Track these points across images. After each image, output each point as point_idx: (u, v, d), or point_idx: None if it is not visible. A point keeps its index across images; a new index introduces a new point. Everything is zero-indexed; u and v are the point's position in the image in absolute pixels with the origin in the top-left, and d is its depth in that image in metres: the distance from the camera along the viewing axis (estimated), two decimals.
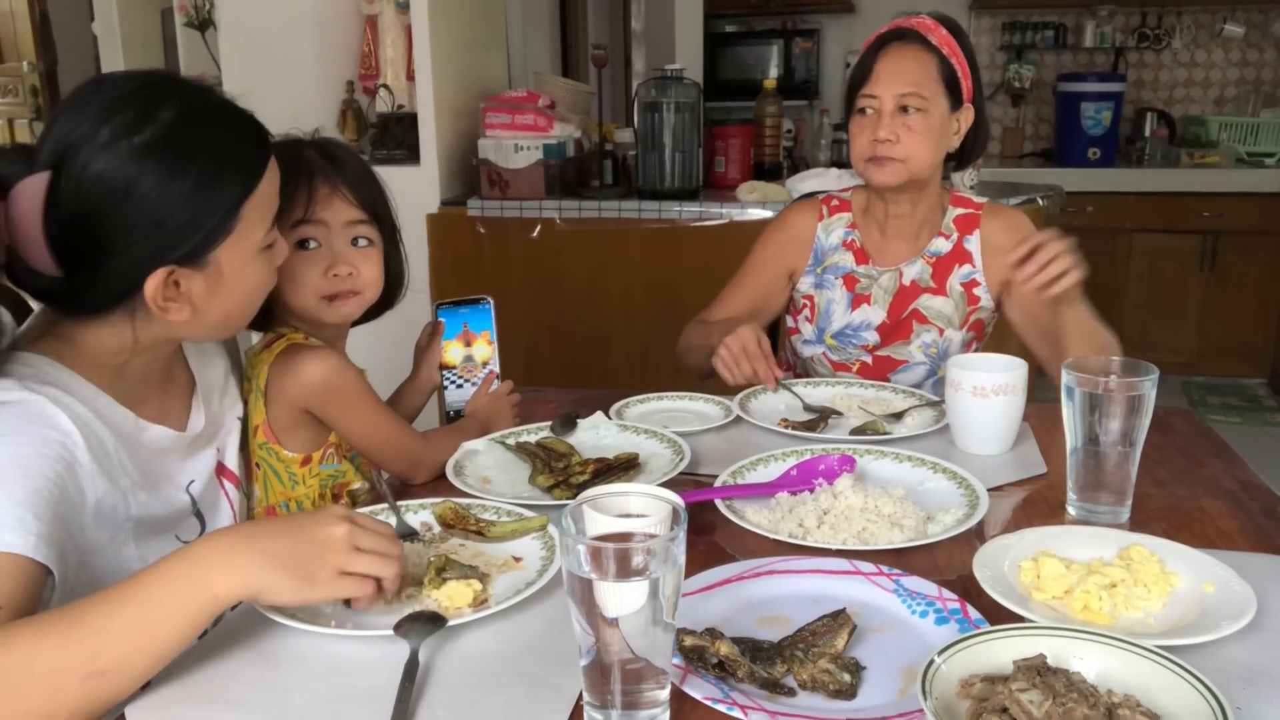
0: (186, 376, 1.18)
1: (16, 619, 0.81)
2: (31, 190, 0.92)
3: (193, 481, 1.13)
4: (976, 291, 1.72)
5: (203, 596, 0.81)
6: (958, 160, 1.72)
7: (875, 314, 1.75)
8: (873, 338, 1.75)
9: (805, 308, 1.80)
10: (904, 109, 1.60)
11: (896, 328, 1.74)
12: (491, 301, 1.49)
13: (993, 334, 1.80)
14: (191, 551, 0.82)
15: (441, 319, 1.48)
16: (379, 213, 1.33)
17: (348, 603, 0.91)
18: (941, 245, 1.73)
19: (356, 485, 1.34)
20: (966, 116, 1.67)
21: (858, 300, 1.76)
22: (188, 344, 1.19)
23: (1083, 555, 1.00)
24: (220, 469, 1.19)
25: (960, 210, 1.74)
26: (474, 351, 1.49)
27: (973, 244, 1.72)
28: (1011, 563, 0.98)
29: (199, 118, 0.99)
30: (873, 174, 1.65)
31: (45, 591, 0.89)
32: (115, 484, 1.00)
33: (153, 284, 0.96)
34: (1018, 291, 1.62)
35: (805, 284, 1.80)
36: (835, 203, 1.81)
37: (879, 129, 1.61)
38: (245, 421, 1.27)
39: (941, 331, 1.72)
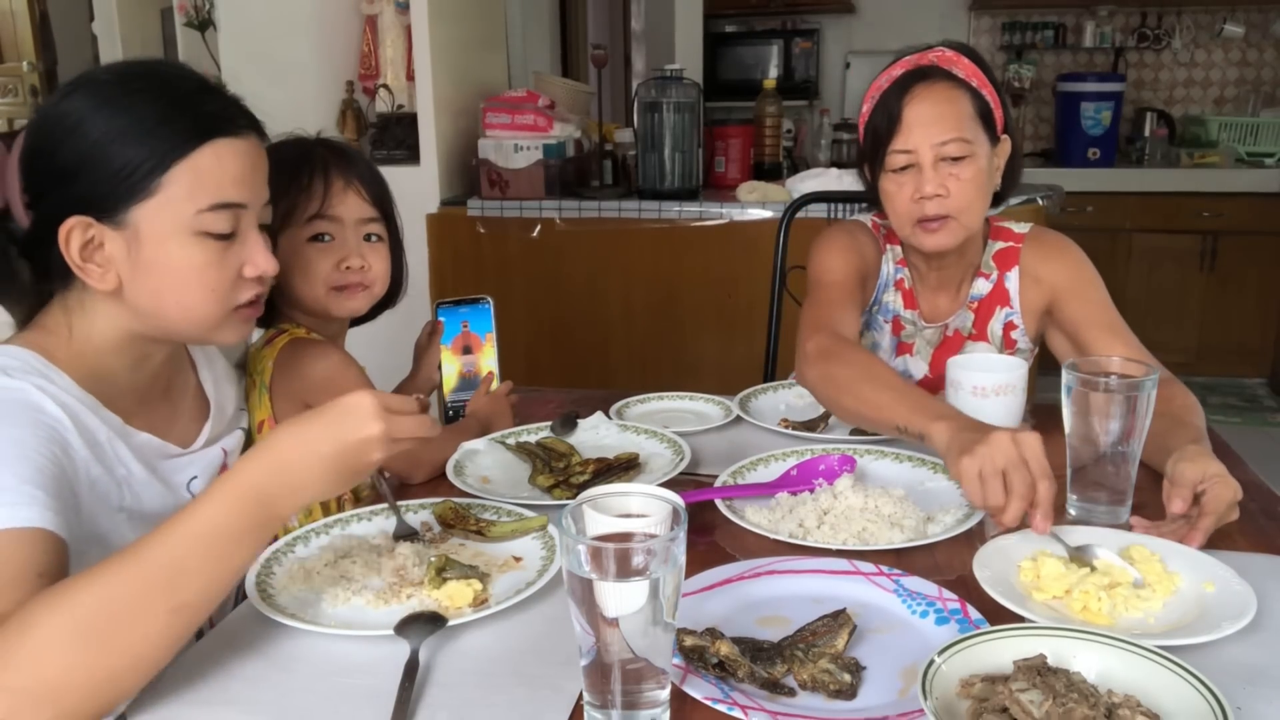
0: (203, 404, 1.17)
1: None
2: (17, 142, 0.96)
3: (195, 478, 1.13)
4: (1014, 335, 1.59)
5: (268, 518, 0.83)
6: (997, 196, 1.53)
7: (917, 366, 1.62)
8: None
9: None
10: (946, 158, 1.42)
11: (939, 380, 1.61)
12: (491, 301, 1.49)
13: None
14: (246, 477, 0.83)
15: (441, 318, 1.48)
16: (387, 211, 1.35)
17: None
18: (982, 287, 1.58)
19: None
20: (1004, 149, 1.50)
21: (901, 348, 1.63)
22: (205, 373, 1.18)
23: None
24: (224, 468, 1.19)
25: (1001, 244, 1.58)
26: (473, 351, 1.49)
27: (1012, 281, 1.57)
28: (1011, 563, 0.98)
29: (152, 75, 1.00)
30: (924, 240, 1.46)
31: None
32: (110, 472, 1.00)
33: (70, 232, 0.95)
34: (1061, 324, 1.53)
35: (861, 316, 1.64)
36: (884, 231, 1.62)
37: (923, 184, 1.42)
38: (250, 411, 1.28)
39: None
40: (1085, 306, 1.51)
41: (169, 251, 0.98)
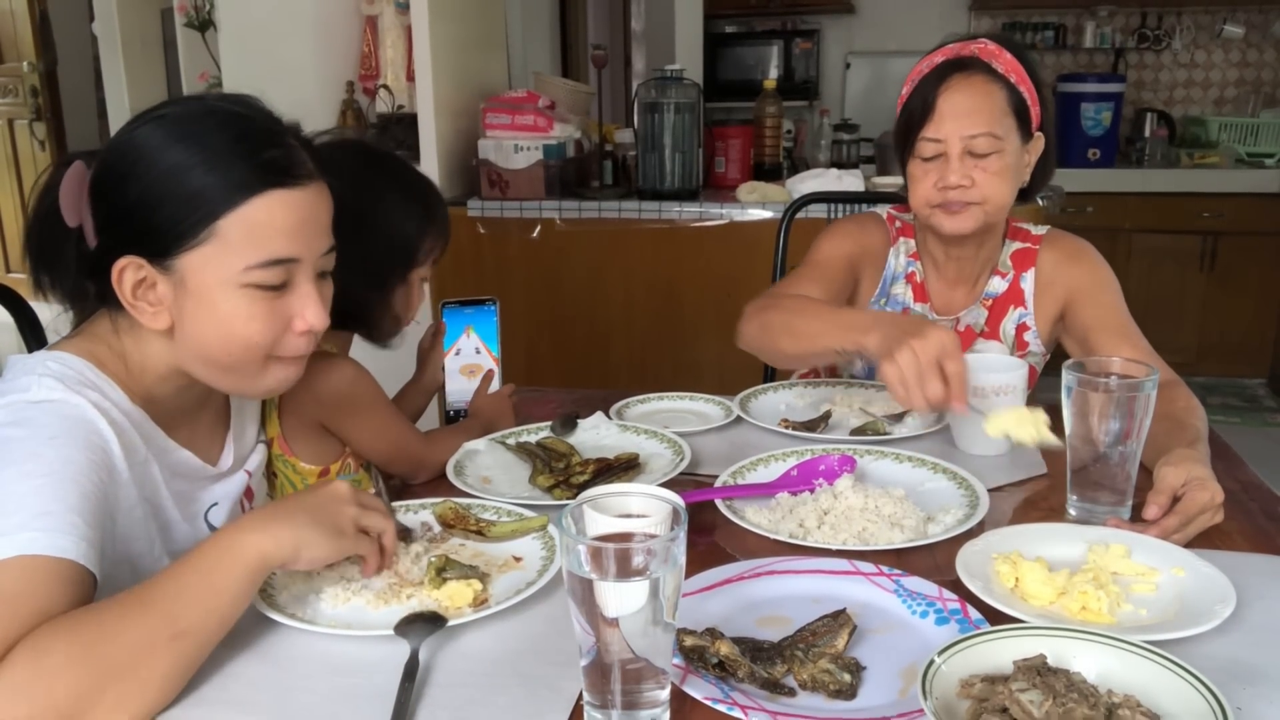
0: (224, 414, 1.16)
1: None
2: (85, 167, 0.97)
3: (215, 505, 1.12)
4: (1026, 336, 1.58)
5: (253, 557, 0.86)
6: (1025, 192, 1.53)
7: None
8: None
9: None
10: (974, 152, 1.43)
11: None
12: (497, 302, 1.49)
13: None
14: (236, 524, 0.90)
15: (445, 320, 1.48)
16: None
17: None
18: (998, 285, 1.58)
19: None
20: (1037, 146, 1.50)
21: None
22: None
23: (1055, 554, 1.00)
24: (247, 492, 1.18)
25: (1018, 245, 1.58)
26: (478, 352, 1.49)
27: (1028, 282, 1.57)
28: (990, 566, 0.98)
29: (214, 114, 0.97)
30: (942, 222, 1.46)
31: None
32: (145, 495, 1.00)
33: (124, 271, 0.95)
34: (1073, 328, 1.53)
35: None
36: (899, 225, 1.64)
37: (948, 174, 1.43)
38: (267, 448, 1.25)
39: None
40: (1097, 310, 1.51)
41: (215, 302, 0.95)
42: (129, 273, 0.95)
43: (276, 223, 0.95)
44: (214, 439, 1.13)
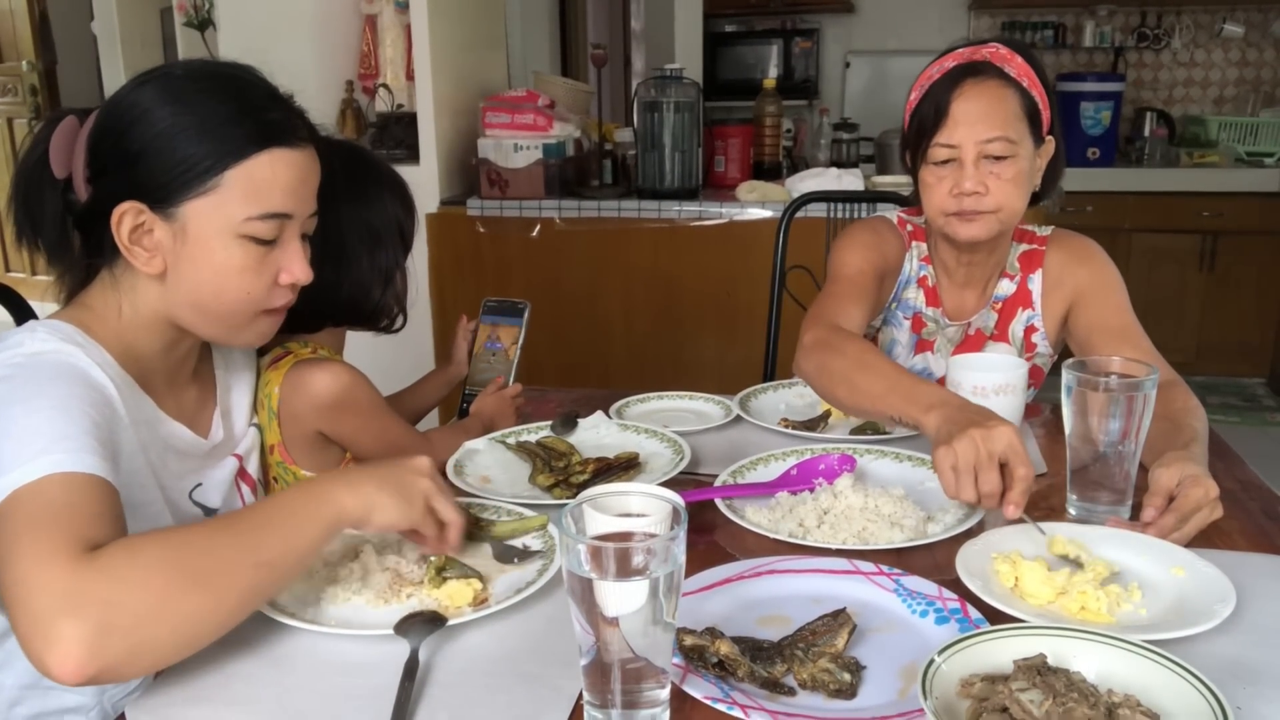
0: (211, 388, 1.18)
1: (121, 535, 0.84)
2: (90, 119, 1.02)
3: (199, 485, 1.13)
4: (1034, 338, 1.58)
5: (333, 508, 0.90)
6: (1036, 195, 1.51)
7: (937, 364, 1.60)
8: None
9: (870, 338, 1.63)
10: (989, 156, 1.41)
11: None
12: (528, 306, 1.54)
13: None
14: (325, 476, 0.99)
15: (482, 318, 1.55)
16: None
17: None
18: (1006, 288, 1.58)
19: None
20: (1047, 151, 1.50)
21: (922, 345, 1.62)
22: (217, 358, 1.19)
23: (1031, 552, 1.00)
24: (241, 473, 1.19)
25: (1025, 246, 1.58)
26: (500, 352, 1.53)
27: (1035, 284, 1.57)
28: (989, 564, 0.98)
29: (222, 76, 1.03)
30: (958, 229, 1.45)
31: None
32: (145, 451, 1.02)
33: (123, 215, 0.98)
34: (1076, 328, 1.52)
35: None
36: (910, 228, 1.62)
37: (963, 181, 1.41)
38: (260, 434, 1.25)
39: None
40: (1101, 311, 1.50)
41: (212, 250, 1.00)
42: (128, 217, 0.99)
43: (278, 179, 1.01)
44: (202, 413, 1.15)
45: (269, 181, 1.01)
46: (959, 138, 1.41)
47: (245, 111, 1.00)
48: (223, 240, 1.00)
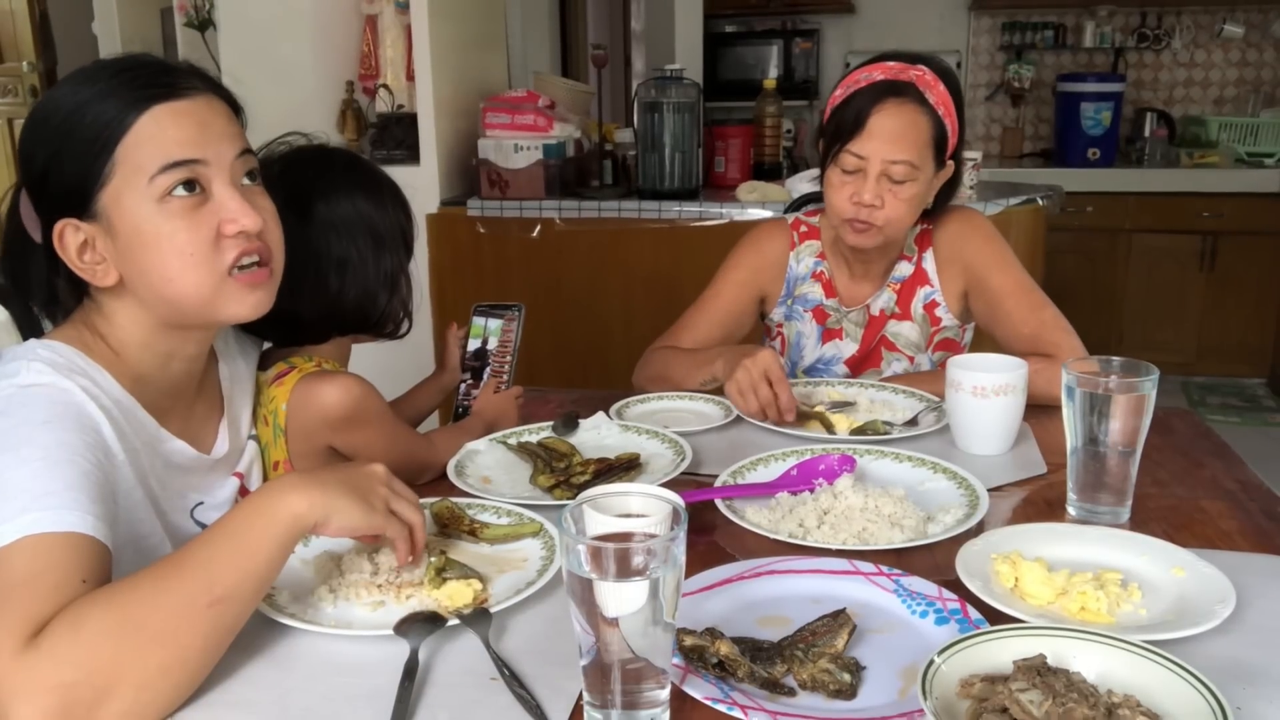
0: (217, 399, 1.16)
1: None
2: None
3: (200, 504, 1.11)
4: (938, 313, 1.68)
5: (286, 518, 0.86)
6: (927, 211, 1.63)
7: (847, 347, 1.72)
8: (843, 370, 1.72)
9: (777, 338, 1.76)
10: (891, 176, 1.51)
11: (866, 358, 1.71)
12: (523, 308, 1.53)
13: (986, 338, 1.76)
14: (267, 486, 0.90)
15: (474, 321, 1.53)
16: None
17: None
18: (904, 269, 1.68)
19: None
20: (945, 174, 1.60)
21: (829, 334, 1.72)
22: (223, 368, 1.18)
23: (1055, 554, 0.99)
24: (242, 492, 1.17)
25: (920, 227, 1.68)
26: (497, 355, 1.52)
27: (929, 262, 1.67)
28: (989, 565, 0.98)
29: (84, 69, 1.00)
30: (849, 236, 1.58)
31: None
32: (143, 483, 1.01)
33: (63, 236, 0.97)
34: (982, 295, 1.62)
35: (777, 313, 1.76)
36: (804, 229, 1.75)
37: (863, 191, 1.52)
38: (262, 451, 1.23)
39: (911, 359, 1.69)
40: (1003, 279, 1.61)
41: (139, 228, 0.97)
42: (69, 236, 0.97)
43: (167, 133, 0.97)
44: (207, 425, 1.14)
45: (158, 137, 0.96)
46: (869, 151, 1.51)
47: (121, 83, 0.97)
48: (145, 214, 0.96)
